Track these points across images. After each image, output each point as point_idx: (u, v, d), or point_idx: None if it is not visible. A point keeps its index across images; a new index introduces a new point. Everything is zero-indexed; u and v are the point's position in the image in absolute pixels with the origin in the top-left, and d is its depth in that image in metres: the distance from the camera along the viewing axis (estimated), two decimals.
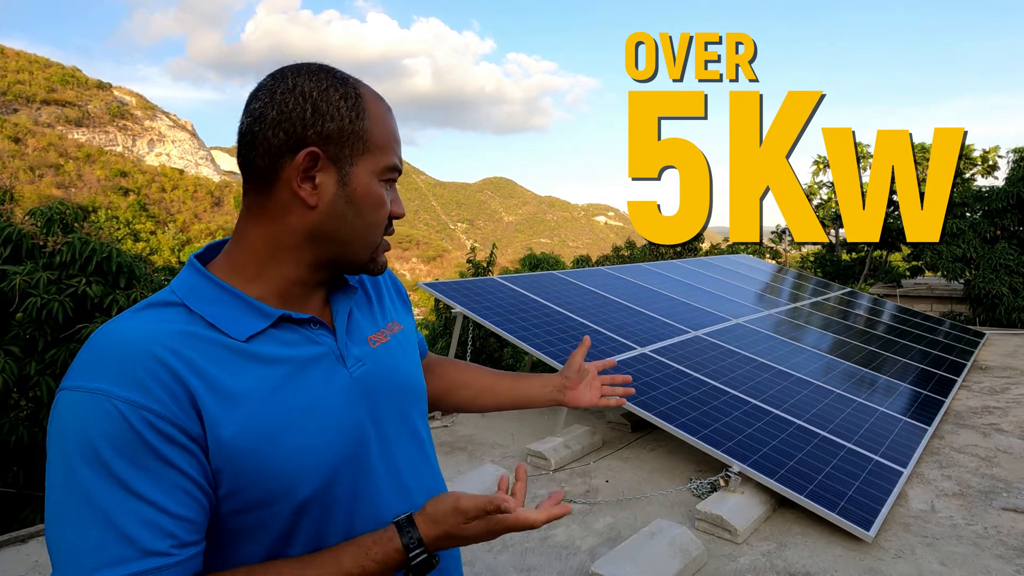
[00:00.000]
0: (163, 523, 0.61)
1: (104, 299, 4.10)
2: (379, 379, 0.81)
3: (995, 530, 2.91)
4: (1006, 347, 7.68)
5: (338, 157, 0.73)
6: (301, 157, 0.70)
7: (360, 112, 0.74)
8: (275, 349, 0.72)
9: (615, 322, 5.13)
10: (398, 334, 0.90)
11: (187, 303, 0.70)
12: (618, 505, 3.24)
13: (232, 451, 0.66)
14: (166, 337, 0.66)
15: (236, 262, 0.75)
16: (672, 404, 3.75)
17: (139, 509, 0.60)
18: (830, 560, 2.67)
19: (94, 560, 0.58)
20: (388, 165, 0.77)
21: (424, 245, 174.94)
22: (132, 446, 0.60)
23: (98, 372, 0.63)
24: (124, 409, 0.61)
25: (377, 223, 0.77)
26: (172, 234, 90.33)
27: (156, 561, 0.60)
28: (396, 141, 0.78)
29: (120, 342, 0.65)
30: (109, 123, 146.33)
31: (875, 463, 3.43)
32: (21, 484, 3.92)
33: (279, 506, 0.69)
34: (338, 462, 0.73)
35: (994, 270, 12.17)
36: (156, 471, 0.61)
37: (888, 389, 4.89)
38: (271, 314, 0.73)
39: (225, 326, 0.70)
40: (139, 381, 0.62)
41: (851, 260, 17.50)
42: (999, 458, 3.83)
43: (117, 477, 0.60)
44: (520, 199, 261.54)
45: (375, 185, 0.76)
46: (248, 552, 0.71)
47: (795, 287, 8.99)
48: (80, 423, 0.61)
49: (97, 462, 0.60)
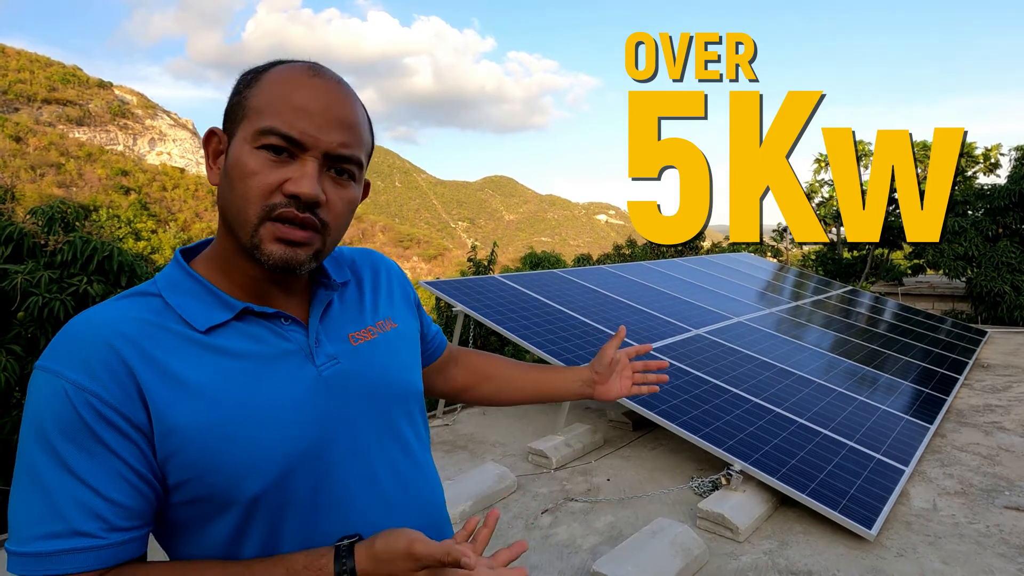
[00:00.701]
0: (95, 505, 0.62)
1: (105, 298, 4.10)
2: (356, 378, 0.77)
3: (997, 529, 2.91)
4: (1008, 345, 7.66)
5: (229, 132, 0.71)
6: (205, 139, 0.74)
7: (253, 81, 0.71)
8: (238, 343, 0.71)
9: (616, 320, 5.13)
10: (389, 332, 0.85)
11: (163, 294, 0.71)
12: (619, 504, 3.24)
13: (182, 440, 0.65)
14: (128, 325, 0.67)
15: (211, 255, 0.76)
16: (673, 402, 3.75)
17: (74, 489, 0.62)
18: (832, 559, 2.67)
19: (30, 532, 0.62)
20: (260, 128, 0.67)
21: (425, 244, 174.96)
22: (74, 427, 0.62)
23: (57, 354, 0.65)
24: (70, 390, 0.63)
25: (245, 196, 0.68)
26: (173, 233, 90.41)
27: (82, 541, 0.62)
28: (291, 106, 0.68)
29: (83, 328, 0.67)
30: (110, 122, 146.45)
31: (877, 461, 3.42)
32: None
33: (228, 500, 0.68)
34: (293, 460, 0.70)
35: (996, 268, 12.15)
36: (94, 454, 0.63)
37: (890, 387, 4.88)
38: (234, 306, 0.72)
39: (189, 316, 0.70)
40: (88, 365, 0.64)
41: (852, 258, 17.48)
42: (1001, 456, 3.83)
43: (58, 456, 0.62)
44: (521, 198, 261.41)
45: (245, 153, 0.68)
46: (201, 547, 0.70)
47: (796, 285, 8.97)
48: (36, 400, 0.64)
49: (43, 439, 0.63)
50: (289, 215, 0.68)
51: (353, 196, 0.74)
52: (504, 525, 3.01)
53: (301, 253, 0.70)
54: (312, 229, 0.70)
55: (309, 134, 0.68)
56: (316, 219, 0.70)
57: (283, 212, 0.68)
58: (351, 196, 0.74)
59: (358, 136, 0.73)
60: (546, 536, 2.90)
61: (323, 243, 0.72)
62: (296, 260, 0.70)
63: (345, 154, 0.71)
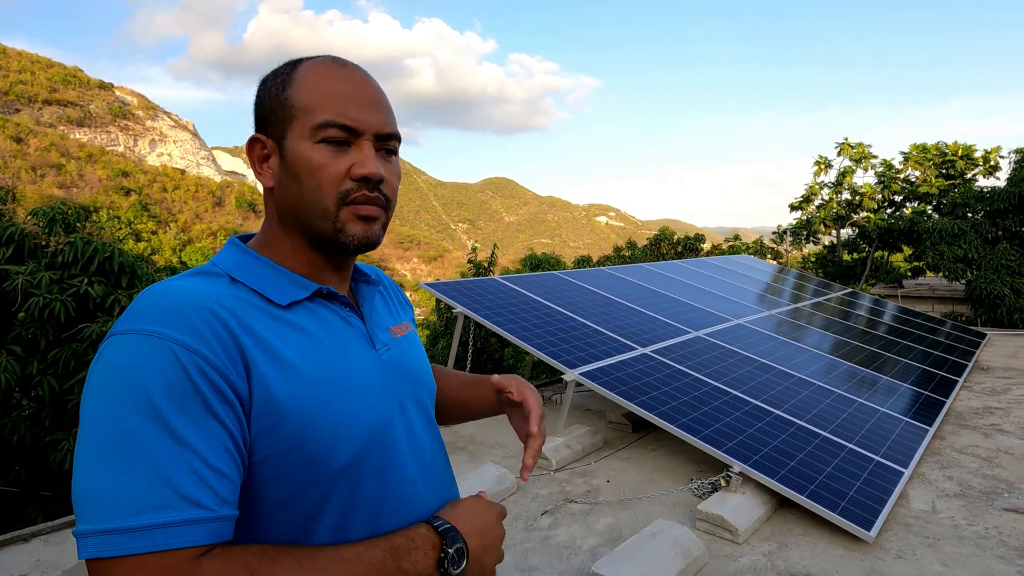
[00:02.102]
0: (206, 475, 0.59)
1: (106, 299, 4.11)
2: (401, 367, 0.83)
3: (996, 531, 2.91)
4: (1007, 348, 7.67)
5: (277, 135, 0.76)
6: (249, 146, 0.77)
7: (286, 84, 0.76)
8: (315, 322, 0.75)
9: (616, 322, 5.13)
10: (410, 334, 0.93)
11: (231, 274, 0.73)
12: (619, 505, 3.24)
13: (279, 412, 0.66)
14: (219, 296, 0.68)
15: (266, 242, 0.80)
16: (673, 404, 3.75)
17: (185, 457, 0.58)
18: (831, 560, 2.67)
19: (133, 504, 0.56)
20: (317, 123, 0.73)
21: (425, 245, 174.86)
22: (184, 392, 0.59)
23: (154, 317, 0.62)
24: (179, 352, 0.60)
25: (318, 187, 0.73)
26: (173, 234, 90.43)
27: (197, 512, 0.58)
28: (337, 98, 0.74)
29: (175, 295, 0.66)
30: (111, 123, 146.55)
31: (876, 463, 3.42)
32: (23, 483, 3.92)
33: (314, 473, 0.69)
34: (371, 434, 0.74)
35: (995, 271, 12.15)
36: (202, 421, 0.60)
37: (889, 390, 4.88)
38: (309, 286, 0.76)
39: (269, 293, 0.73)
40: (195, 328, 0.62)
41: (852, 260, 17.48)
42: (1000, 459, 3.83)
43: (164, 422, 0.58)
44: (521, 199, 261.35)
45: (307, 149, 0.73)
46: (275, 528, 0.69)
47: (796, 287, 8.98)
48: (133, 364, 0.60)
49: (147, 405, 0.58)
50: (362, 197, 0.75)
51: (399, 169, 0.82)
52: (504, 526, 3.01)
53: (375, 228, 0.77)
54: (380, 205, 0.77)
55: (361, 120, 0.74)
56: (382, 195, 0.77)
57: (357, 196, 0.74)
58: (398, 170, 0.82)
59: (392, 115, 0.80)
60: (546, 537, 2.90)
61: (387, 217, 0.80)
62: (374, 235, 0.77)
63: (390, 132, 0.78)
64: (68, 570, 2.63)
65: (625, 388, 3.86)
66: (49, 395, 3.80)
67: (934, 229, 13.00)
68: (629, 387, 3.89)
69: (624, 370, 4.15)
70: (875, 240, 16.32)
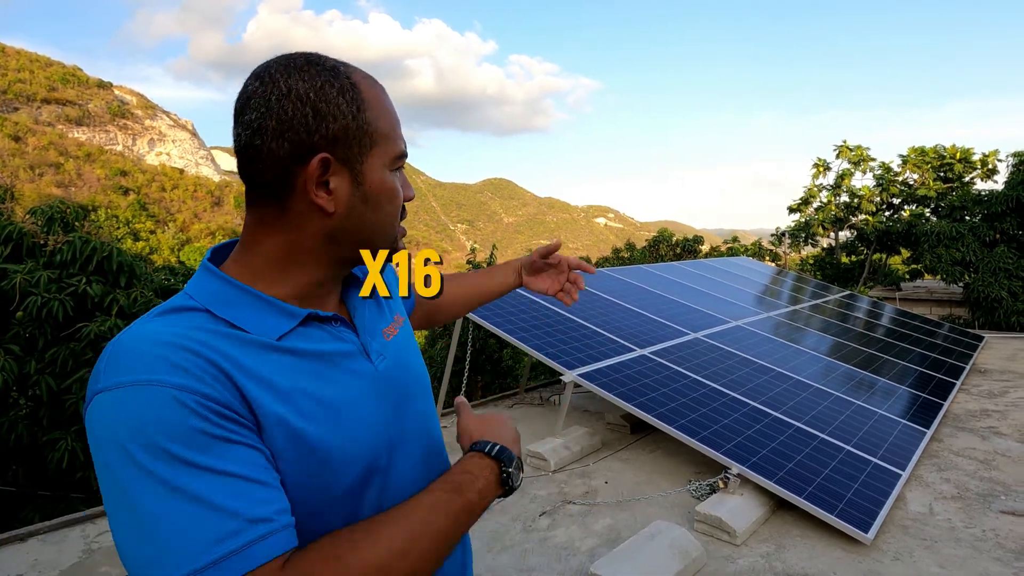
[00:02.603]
0: (255, 492, 0.58)
1: (104, 298, 4.10)
2: (397, 372, 0.82)
3: (993, 533, 2.92)
4: (1005, 350, 7.69)
5: (347, 157, 0.69)
6: (314, 166, 0.67)
7: (360, 104, 0.70)
8: (309, 346, 0.71)
9: (615, 324, 5.14)
10: (403, 326, 0.91)
11: (209, 308, 0.67)
12: (617, 506, 3.24)
13: (283, 444, 0.64)
14: (196, 334, 0.63)
15: (253, 268, 0.72)
16: (671, 406, 3.75)
17: (228, 484, 0.57)
18: (829, 562, 2.67)
19: (198, 545, 0.54)
20: (397, 153, 0.75)
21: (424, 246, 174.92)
22: (194, 434, 0.57)
23: (138, 367, 0.58)
24: (179, 396, 0.57)
25: (393, 215, 0.76)
26: (172, 233, 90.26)
27: (262, 528, 0.57)
28: (399, 124, 0.77)
29: (151, 340, 0.61)
30: (109, 122, 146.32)
31: (874, 466, 3.43)
32: (20, 482, 3.92)
33: (319, 499, 0.68)
34: (376, 453, 0.73)
35: (993, 273, 12.18)
36: (228, 448, 0.58)
37: (887, 392, 4.89)
38: (297, 314, 0.71)
39: (253, 328, 0.67)
40: (185, 369, 0.59)
41: (850, 263, 17.52)
42: (997, 461, 3.84)
43: (190, 463, 0.56)
44: (520, 200, 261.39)
45: (387, 177, 0.74)
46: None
47: (794, 289, 8.99)
48: (133, 419, 0.56)
49: (162, 454, 0.55)
50: (404, 216, 0.81)
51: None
52: (503, 527, 3.01)
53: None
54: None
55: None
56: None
57: (404, 215, 0.81)
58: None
59: None
60: (544, 538, 2.90)
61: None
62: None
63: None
64: (65, 570, 2.62)
65: (624, 389, 3.86)
66: (47, 394, 3.80)
67: (932, 232, 13.03)
68: (628, 388, 3.89)
69: (623, 371, 4.15)
70: (873, 243, 16.36)
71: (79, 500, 3.94)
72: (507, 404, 5.27)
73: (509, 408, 5.16)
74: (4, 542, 2.84)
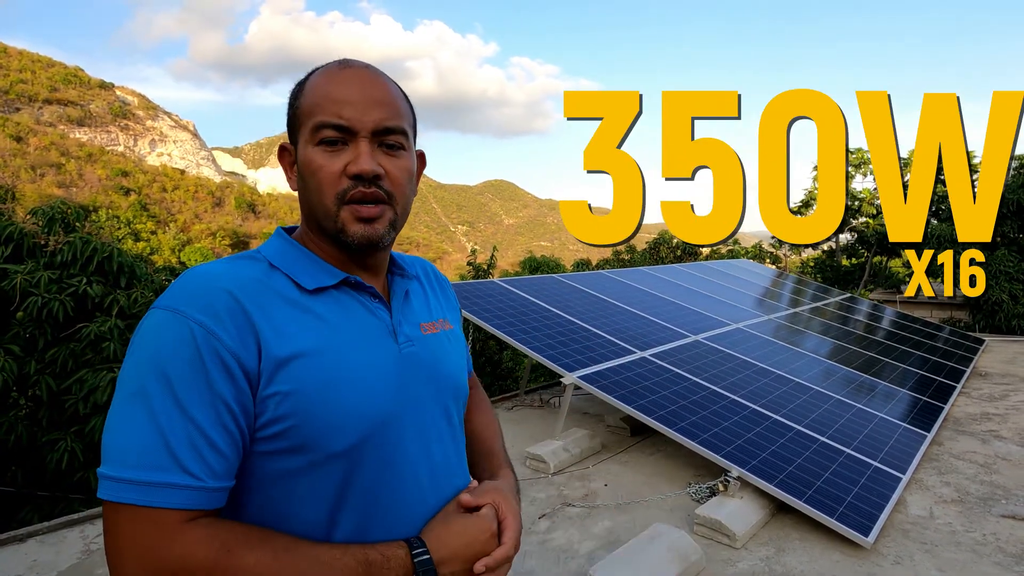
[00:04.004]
0: (202, 449, 0.65)
1: (104, 299, 4.10)
2: (424, 364, 0.83)
3: (994, 537, 2.91)
4: (1006, 353, 7.68)
5: (293, 140, 0.81)
6: (279, 156, 0.84)
7: (299, 92, 0.80)
8: (334, 310, 0.78)
9: (615, 326, 5.13)
10: (448, 331, 0.93)
11: (271, 260, 0.79)
12: (617, 509, 3.24)
13: (285, 391, 0.69)
14: (245, 282, 0.73)
15: (303, 234, 0.84)
16: (671, 408, 3.75)
17: (187, 428, 0.65)
18: (828, 566, 2.67)
19: (136, 459, 0.63)
20: (314, 125, 0.76)
21: (424, 247, 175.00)
22: (194, 367, 0.66)
23: (181, 298, 0.70)
24: (196, 330, 0.67)
25: (319, 188, 0.77)
26: (173, 234, 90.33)
27: (187, 479, 0.64)
28: (333, 99, 0.76)
29: (204, 278, 0.72)
30: (111, 123, 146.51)
31: (874, 469, 3.42)
32: (20, 483, 3.91)
33: (313, 452, 0.71)
34: (374, 424, 0.75)
35: (994, 277, 12.17)
36: (206, 396, 0.66)
37: (887, 395, 4.89)
38: (337, 275, 0.80)
39: (299, 278, 0.77)
40: (213, 309, 0.69)
41: (851, 266, 17.52)
42: (998, 465, 3.83)
43: (175, 393, 0.65)
44: (521, 202, 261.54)
45: (308, 151, 0.77)
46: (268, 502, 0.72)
47: (795, 292, 8.99)
48: (157, 337, 0.68)
49: (162, 374, 0.66)
50: (358, 195, 0.76)
51: (407, 164, 0.82)
52: None
53: (379, 227, 0.79)
54: (381, 202, 0.78)
55: (353, 118, 0.76)
56: (382, 191, 0.78)
57: (353, 194, 0.76)
58: (405, 164, 0.81)
59: (396, 109, 0.80)
60: (543, 541, 2.89)
61: (395, 213, 0.80)
62: (376, 235, 0.78)
63: (389, 126, 0.78)
64: (64, 571, 2.62)
65: (624, 392, 3.86)
66: (47, 395, 3.79)
67: (933, 235, 13.02)
68: (628, 391, 3.89)
69: (623, 374, 4.15)
70: (874, 245, 16.35)
71: (78, 501, 3.93)
72: (507, 406, 5.27)
73: (509, 410, 5.16)
74: (2, 543, 2.84)
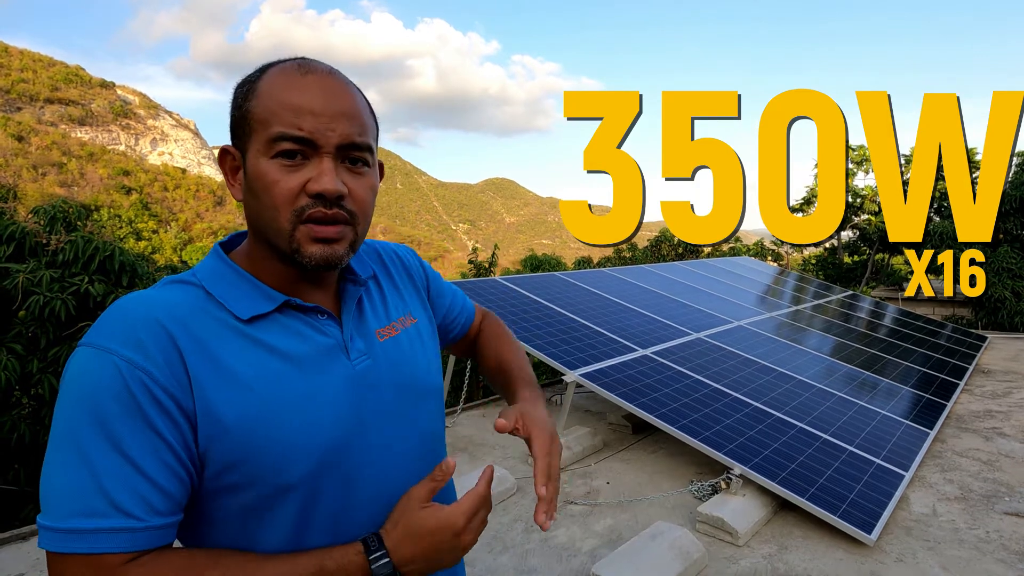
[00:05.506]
0: (139, 487, 0.62)
1: (106, 298, 4.10)
2: (384, 374, 0.79)
3: (997, 534, 2.91)
4: (1008, 351, 7.66)
5: (239, 147, 0.73)
6: (219, 159, 0.76)
7: (250, 94, 0.71)
8: (278, 335, 0.73)
9: (616, 324, 5.13)
10: (409, 329, 0.88)
11: (204, 284, 0.73)
12: (619, 507, 3.24)
13: (224, 428, 0.66)
14: (177, 310, 0.68)
15: (246, 251, 0.78)
16: (673, 406, 3.74)
17: (120, 468, 0.62)
18: (831, 563, 2.66)
19: (70, 507, 0.61)
20: (271, 136, 0.69)
21: (426, 245, 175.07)
22: (124, 405, 0.62)
23: (107, 332, 0.65)
24: (122, 367, 0.63)
25: (273, 205, 0.70)
26: (174, 233, 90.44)
27: (123, 521, 0.61)
28: (293, 108, 0.69)
29: (131, 309, 0.67)
30: (112, 122, 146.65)
31: (877, 466, 3.42)
32: (22, 482, 3.92)
33: (265, 488, 0.69)
34: (329, 451, 0.72)
35: (996, 274, 12.14)
36: (142, 434, 0.63)
37: (890, 392, 4.88)
38: (276, 298, 0.74)
39: (232, 305, 0.72)
40: (140, 344, 0.64)
41: (853, 263, 17.49)
42: (1001, 462, 3.82)
43: (107, 432, 0.62)
44: (522, 200, 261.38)
45: (262, 164, 0.70)
46: (226, 536, 0.71)
47: (797, 290, 8.97)
48: (81, 377, 0.64)
49: (92, 414, 0.62)
50: (319, 215, 0.70)
51: (371, 182, 0.76)
52: (504, 528, 3.01)
53: (339, 248, 0.73)
54: (343, 223, 0.72)
55: (317, 131, 0.69)
56: (344, 211, 0.72)
57: (313, 213, 0.70)
58: (370, 183, 0.76)
59: (362, 123, 0.73)
60: (545, 539, 2.89)
61: (355, 234, 0.74)
62: (335, 256, 0.72)
63: (356, 142, 0.72)
64: None
65: (625, 390, 3.85)
66: (49, 394, 3.80)
67: (935, 232, 12.99)
68: (629, 388, 3.88)
69: (624, 371, 4.14)
70: (876, 242, 16.32)
71: None
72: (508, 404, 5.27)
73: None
74: (5, 541, 2.85)
